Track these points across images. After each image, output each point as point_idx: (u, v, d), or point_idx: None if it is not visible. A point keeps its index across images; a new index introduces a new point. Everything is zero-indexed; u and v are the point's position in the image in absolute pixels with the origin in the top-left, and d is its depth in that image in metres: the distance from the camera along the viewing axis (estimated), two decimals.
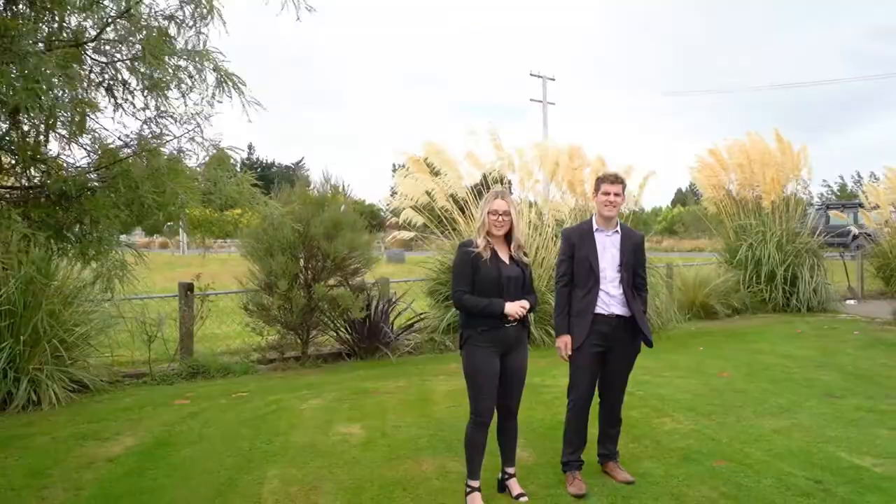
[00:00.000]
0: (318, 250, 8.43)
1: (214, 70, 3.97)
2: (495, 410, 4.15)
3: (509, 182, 11.03)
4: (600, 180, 4.45)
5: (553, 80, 34.80)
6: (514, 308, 3.98)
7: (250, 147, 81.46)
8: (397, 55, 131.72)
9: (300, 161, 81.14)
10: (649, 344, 4.44)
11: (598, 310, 4.36)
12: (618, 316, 4.36)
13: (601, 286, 4.36)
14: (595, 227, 4.46)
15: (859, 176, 60.86)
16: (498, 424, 4.25)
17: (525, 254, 4.18)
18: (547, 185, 10.78)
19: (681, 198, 78.25)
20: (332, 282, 8.87)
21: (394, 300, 9.59)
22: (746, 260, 12.70)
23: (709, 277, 12.36)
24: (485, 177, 11.20)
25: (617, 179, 4.39)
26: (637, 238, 4.54)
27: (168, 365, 8.31)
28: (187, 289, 8.51)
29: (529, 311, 4.08)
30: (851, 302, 14.20)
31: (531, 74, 34.60)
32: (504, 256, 4.10)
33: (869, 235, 19.15)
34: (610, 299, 4.36)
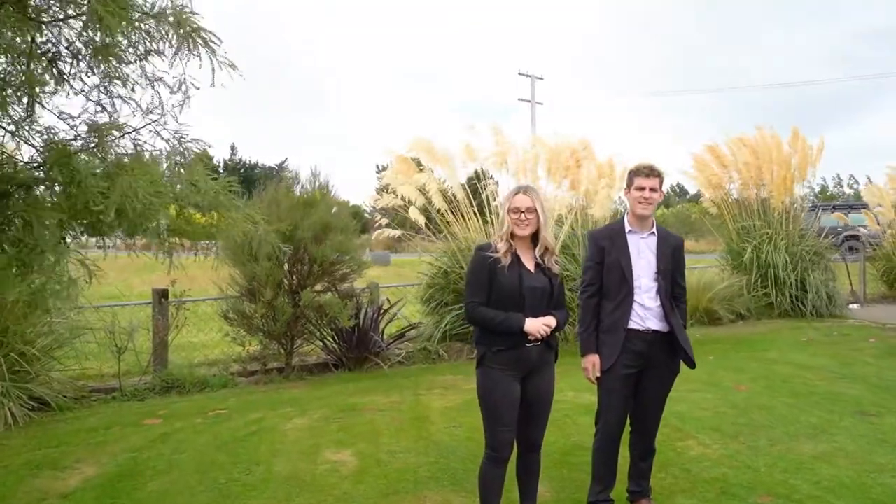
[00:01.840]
0: (304, 254, 7.80)
1: (177, 24, 3.32)
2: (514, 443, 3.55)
3: (496, 183, 10.45)
4: (633, 173, 3.85)
5: (541, 79, 34.40)
6: (536, 327, 3.37)
7: (233, 148, 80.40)
8: (387, 53, 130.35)
9: (284, 161, 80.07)
10: (691, 364, 3.86)
11: (631, 324, 3.77)
12: (654, 331, 3.78)
13: (635, 297, 3.77)
14: (627, 227, 3.87)
15: (839, 178, 61.14)
16: (517, 458, 3.64)
17: (556, 261, 3.58)
18: (530, 181, 10.16)
19: (664, 199, 78.20)
20: (318, 287, 8.25)
21: (384, 308, 8.97)
22: (751, 263, 12.17)
23: (712, 281, 11.84)
24: (477, 176, 10.62)
25: (653, 172, 3.79)
26: (676, 241, 3.94)
27: (140, 378, 7.65)
28: (161, 295, 7.85)
29: (556, 329, 3.48)
30: (855, 306, 13.74)
31: (519, 74, 34.16)
32: (528, 263, 3.50)
33: (859, 237, 18.74)
34: (645, 312, 3.77)
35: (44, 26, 3.50)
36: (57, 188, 3.52)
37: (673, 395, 6.45)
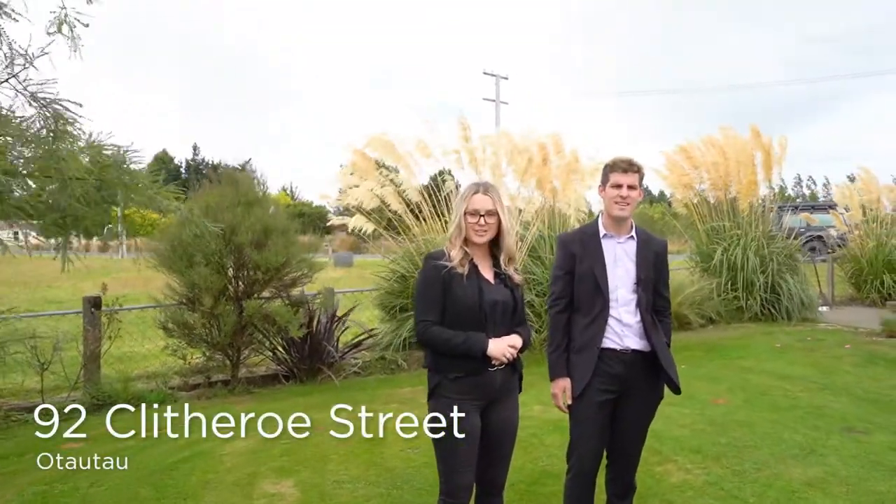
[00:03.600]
0: (248, 260, 7.18)
1: None
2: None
3: (457, 185, 9.90)
4: (609, 169, 3.32)
5: (506, 78, 33.94)
6: (501, 349, 2.85)
7: (195, 148, 79.14)
8: (360, 52, 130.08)
9: (247, 161, 78.98)
10: (676, 390, 3.35)
11: (606, 343, 3.25)
12: (634, 351, 3.26)
13: (611, 311, 3.25)
14: (602, 231, 3.34)
15: (799, 178, 62.30)
16: (476, 501, 3.11)
17: (516, 269, 3.05)
18: (500, 180, 9.63)
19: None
20: (266, 294, 7.64)
21: (339, 315, 8.37)
22: (721, 265, 11.80)
23: (682, 284, 11.41)
24: (442, 174, 10.08)
25: (631, 167, 3.27)
26: (659, 246, 3.42)
27: (68, 395, 6.96)
28: (92, 304, 7.17)
29: (521, 350, 2.96)
30: (823, 309, 13.45)
31: (484, 73, 33.69)
32: (487, 273, 2.97)
33: (822, 238, 18.58)
34: (623, 329, 3.25)
35: None
36: None
37: None
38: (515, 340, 2.93)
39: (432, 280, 2.91)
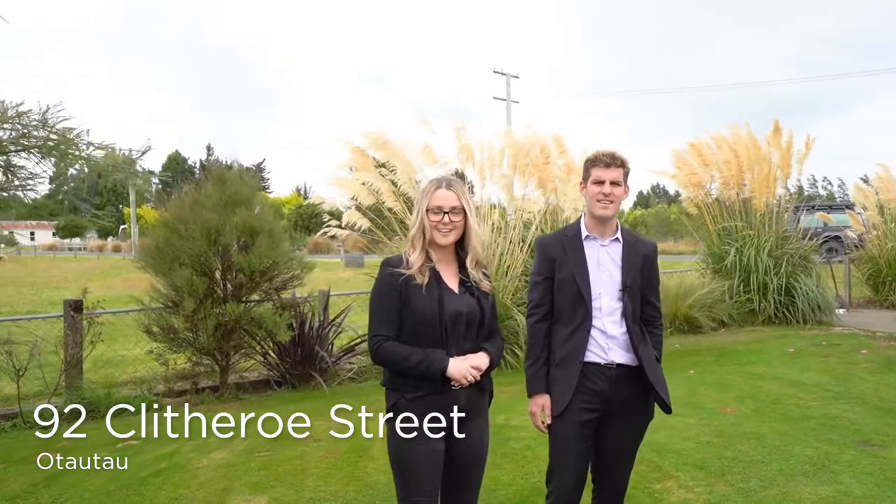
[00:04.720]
0: (234, 262, 6.91)
1: None
2: None
3: (470, 183, 9.60)
4: (590, 163, 2.99)
5: (517, 77, 33.59)
6: (462, 371, 2.55)
7: (209, 148, 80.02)
8: (354, 55, 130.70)
9: (262, 162, 79.47)
10: (667, 409, 3.03)
11: (589, 356, 2.93)
12: (619, 365, 2.94)
13: (594, 321, 2.93)
14: (584, 233, 3.03)
15: (814, 179, 61.89)
16: None
17: (486, 274, 2.74)
18: (510, 180, 9.31)
19: (643, 200, 78.79)
20: (256, 297, 7.38)
21: (333, 319, 8.09)
22: (734, 267, 11.41)
23: (692, 286, 11.06)
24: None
25: (614, 161, 2.94)
26: (647, 249, 3.08)
27: (47, 401, 6.72)
28: (73, 308, 6.93)
29: (489, 369, 2.65)
30: (841, 311, 13.03)
31: (494, 72, 33.34)
32: (451, 280, 2.67)
33: (840, 239, 18.10)
34: (608, 341, 2.93)
35: None
36: None
37: None
38: (480, 361, 2.63)
39: (387, 290, 2.62)
